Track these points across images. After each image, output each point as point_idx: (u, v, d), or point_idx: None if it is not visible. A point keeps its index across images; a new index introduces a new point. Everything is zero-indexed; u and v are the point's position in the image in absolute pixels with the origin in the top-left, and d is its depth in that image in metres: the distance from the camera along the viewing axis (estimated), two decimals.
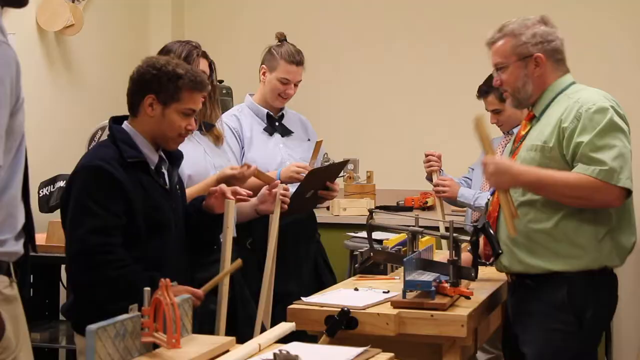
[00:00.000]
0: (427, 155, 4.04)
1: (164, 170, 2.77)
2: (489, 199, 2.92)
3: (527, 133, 2.84)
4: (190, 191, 3.06)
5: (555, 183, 2.65)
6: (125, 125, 2.74)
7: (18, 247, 2.10)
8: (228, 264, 2.78)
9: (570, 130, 2.66)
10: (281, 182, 3.36)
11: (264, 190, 3.29)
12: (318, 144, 3.52)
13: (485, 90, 4.09)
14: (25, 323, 2.16)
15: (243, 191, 2.86)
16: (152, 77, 2.68)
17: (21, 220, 2.12)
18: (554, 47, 2.82)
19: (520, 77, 2.81)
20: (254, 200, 3.35)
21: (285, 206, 3.23)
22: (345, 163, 3.83)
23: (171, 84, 2.67)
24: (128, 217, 2.58)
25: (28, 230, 2.16)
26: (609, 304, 2.78)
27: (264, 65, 3.84)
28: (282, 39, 3.87)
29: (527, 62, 2.80)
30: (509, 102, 2.92)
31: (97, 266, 2.50)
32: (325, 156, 3.88)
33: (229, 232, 2.80)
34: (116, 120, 2.77)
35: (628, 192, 2.64)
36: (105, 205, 2.54)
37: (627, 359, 5.04)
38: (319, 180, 3.59)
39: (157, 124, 2.69)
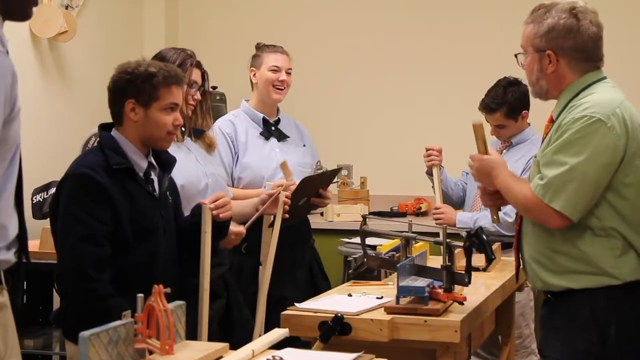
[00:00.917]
0: (427, 150, 4.03)
1: (154, 177, 2.77)
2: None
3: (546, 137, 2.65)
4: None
5: (511, 194, 2.60)
6: (114, 132, 2.74)
7: (9, 256, 2.10)
8: (207, 268, 2.81)
9: (551, 139, 2.52)
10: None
11: (265, 195, 3.31)
12: (283, 165, 3.48)
13: (493, 108, 4.03)
14: (15, 331, 2.15)
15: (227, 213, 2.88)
16: (126, 82, 2.70)
17: (13, 229, 2.11)
18: (574, 44, 2.54)
19: (535, 71, 2.61)
20: (255, 200, 3.38)
21: (287, 209, 3.25)
22: (338, 171, 3.84)
23: (147, 85, 2.68)
24: (115, 223, 2.59)
25: (21, 239, 2.16)
26: (638, 321, 2.53)
27: (252, 68, 3.90)
28: (260, 45, 3.93)
29: (541, 56, 2.57)
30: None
31: (84, 285, 2.53)
32: (318, 164, 3.88)
33: (207, 237, 2.81)
34: (105, 127, 2.78)
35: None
36: (92, 212, 2.56)
37: None
38: (312, 188, 3.60)
39: (143, 127, 2.70)
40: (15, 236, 2.12)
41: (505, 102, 4.00)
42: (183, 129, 3.25)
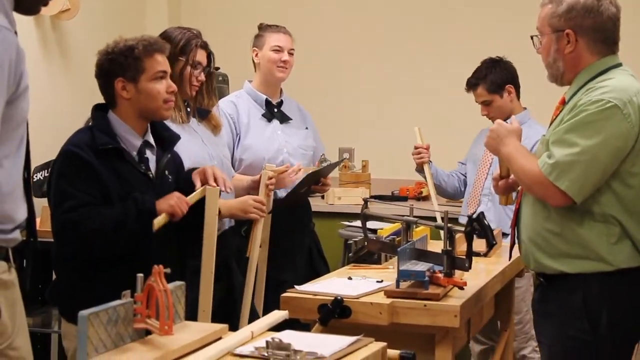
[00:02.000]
0: (416, 148, 4.10)
1: (148, 156, 2.75)
2: (517, 190, 2.77)
3: (556, 118, 2.61)
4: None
5: (517, 166, 2.55)
6: (110, 113, 2.73)
7: (16, 235, 2.11)
8: (213, 251, 2.83)
9: (563, 119, 2.49)
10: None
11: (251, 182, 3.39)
12: (264, 174, 3.40)
13: (474, 82, 4.12)
14: (23, 308, 2.15)
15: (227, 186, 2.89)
16: (109, 62, 2.71)
17: (23, 212, 2.12)
18: (593, 24, 2.50)
19: (551, 52, 2.56)
20: (249, 180, 3.39)
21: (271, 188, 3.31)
22: (340, 162, 3.87)
23: (130, 59, 2.69)
24: (105, 200, 2.61)
25: (29, 219, 2.16)
26: (631, 309, 2.52)
27: (254, 48, 3.89)
28: (262, 26, 3.92)
29: (559, 36, 2.53)
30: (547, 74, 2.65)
31: (72, 231, 2.59)
32: (323, 156, 3.89)
33: (214, 220, 2.83)
34: (101, 107, 2.77)
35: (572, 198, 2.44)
36: (79, 186, 2.60)
37: None
38: (314, 179, 3.62)
39: (138, 102, 2.70)
40: (25, 219, 2.13)
41: (486, 77, 4.08)
42: (188, 109, 3.24)
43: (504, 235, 3.78)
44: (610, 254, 2.48)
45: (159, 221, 2.63)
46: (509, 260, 3.07)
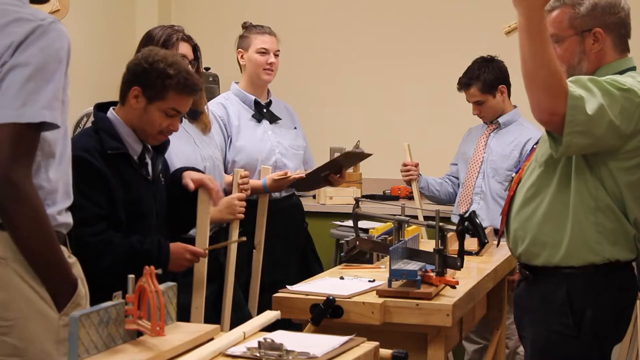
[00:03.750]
0: (405, 165, 4.12)
1: (147, 160, 2.75)
2: (512, 176, 2.71)
3: None
4: None
5: (542, 38, 2.28)
6: (110, 112, 2.72)
7: (70, 219, 2.13)
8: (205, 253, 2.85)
9: None
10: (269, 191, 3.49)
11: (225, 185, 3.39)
12: (236, 174, 3.34)
13: (466, 82, 4.11)
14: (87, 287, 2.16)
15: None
16: (142, 70, 2.68)
17: (71, 194, 2.14)
18: (617, 20, 2.50)
19: (576, 53, 2.51)
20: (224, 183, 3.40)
21: (246, 192, 3.29)
22: (369, 155, 3.85)
23: (159, 81, 2.66)
24: (110, 206, 2.58)
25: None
26: (615, 305, 2.50)
27: (239, 50, 3.87)
28: (247, 25, 3.90)
29: (584, 36, 2.50)
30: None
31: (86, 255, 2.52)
32: (357, 143, 3.91)
33: (205, 221, 2.84)
34: (101, 107, 2.75)
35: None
36: (88, 196, 2.55)
37: None
38: (340, 164, 3.62)
39: (139, 117, 2.68)
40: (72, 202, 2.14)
41: (479, 77, 4.08)
42: None
43: (496, 233, 3.78)
44: (599, 245, 2.45)
45: None
46: (497, 245, 3.05)
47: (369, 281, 2.74)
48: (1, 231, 1.99)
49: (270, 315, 2.08)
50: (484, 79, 4.07)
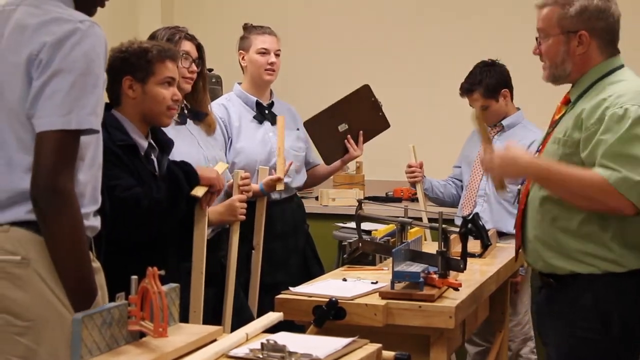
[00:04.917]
0: (409, 167, 4.11)
1: (154, 158, 2.76)
2: (519, 188, 2.73)
3: (560, 119, 2.60)
4: None
5: (565, 178, 2.43)
6: (113, 111, 2.73)
7: (97, 222, 2.14)
8: (203, 255, 2.87)
9: (591, 131, 2.42)
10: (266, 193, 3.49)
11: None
12: (236, 175, 3.28)
13: (468, 88, 4.10)
14: (107, 296, 2.17)
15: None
16: (121, 60, 2.71)
17: (100, 195, 2.15)
18: (604, 26, 2.51)
19: (560, 53, 2.54)
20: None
21: (247, 194, 3.24)
22: (380, 106, 4.05)
23: (142, 60, 2.70)
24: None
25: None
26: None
27: (240, 51, 3.88)
28: (247, 26, 3.91)
29: (569, 37, 2.52)
30: (544, 74, 2.62)
31: (133, 208, 2.61)
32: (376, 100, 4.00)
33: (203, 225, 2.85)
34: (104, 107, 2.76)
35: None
36: (117, 174, 2.60)
37: None
38: (352, 114, 3.77)
39: (142, 103, 2.70)
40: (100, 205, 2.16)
41: (481, 82, 4.06)
42: (185, 111, 3.24)
43: (500, 235, 3.78)
44: (622, 256, 2.46)
45: (196, 191, 2.73)
46: (515, 260, 3.06)
47: (372, 283, 2.73)
48: (31, 232, 2.00)
49: (273, 317, 2.08)
50: (486, 84, 4.06)
